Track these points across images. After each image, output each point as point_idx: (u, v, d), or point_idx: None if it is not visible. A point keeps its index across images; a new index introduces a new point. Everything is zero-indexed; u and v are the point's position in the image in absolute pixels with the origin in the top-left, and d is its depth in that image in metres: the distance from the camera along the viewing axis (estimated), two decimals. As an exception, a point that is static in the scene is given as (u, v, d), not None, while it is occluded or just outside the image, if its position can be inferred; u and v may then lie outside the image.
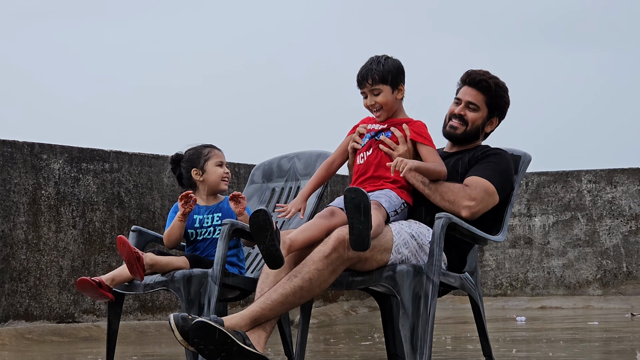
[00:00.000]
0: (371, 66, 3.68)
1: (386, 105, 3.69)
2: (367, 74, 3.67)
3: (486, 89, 3.89)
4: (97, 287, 3.99)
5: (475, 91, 3.89)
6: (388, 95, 3.68)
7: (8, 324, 6.27)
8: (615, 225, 9.28)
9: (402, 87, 3.71)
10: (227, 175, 4.28)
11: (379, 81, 3.66)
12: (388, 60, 3.70)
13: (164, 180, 7.33)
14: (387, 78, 3.66)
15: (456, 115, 3.90)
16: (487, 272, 9.62)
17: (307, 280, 3.32)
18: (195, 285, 3.87)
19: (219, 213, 4.22)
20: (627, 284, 9.20)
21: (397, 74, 3.69)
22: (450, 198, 3.63)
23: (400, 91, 3.71)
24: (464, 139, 3.92)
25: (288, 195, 4.62)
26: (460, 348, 5.37)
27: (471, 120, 3.89)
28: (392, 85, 3.68)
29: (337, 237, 3.36)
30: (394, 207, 3.58)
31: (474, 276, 3.85)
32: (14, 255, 6.35)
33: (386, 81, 3.67)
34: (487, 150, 3.85)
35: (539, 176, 9.58)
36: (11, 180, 6.39)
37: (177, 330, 3.18)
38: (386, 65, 3.67)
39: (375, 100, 3.68)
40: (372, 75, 3.66)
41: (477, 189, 3.66)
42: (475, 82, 3.90)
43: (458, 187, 3.65)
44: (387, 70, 3.67)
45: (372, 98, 3.69)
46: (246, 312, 3.31)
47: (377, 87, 3.67)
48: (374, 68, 3.67)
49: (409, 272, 3.41)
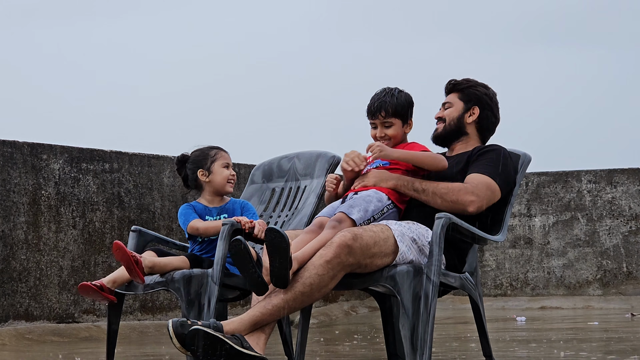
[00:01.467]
0: (385, 98, 3.73)
1: (395, 138, 3.75)
2: (380, 106, 3.73)
3: (456, 86, 4.01)
4: (100, 291, 3.99)
5: (450, 94, 4.03)
6: (399, 129, 3.75)
7: (8, 324, 6.27)
8: (615, 226, 9.28)
9: (411, 122, 3.78)
10: (233, 177, 4.29)
11: (392, 114, 3.72)
12: (401, 93, 3.76)
13: (164, 181, 7.34)
14: (400, 112, 3.73)
15: (436, 119, 4.02)
16: (487, 272, 9.62)
17: (308, 286, 3.32)
18: (195, 286, 3.87)
19: (224, 214, 4.24)
20: (627, 284, 9.20)
21: (408, 108, 3.76)
22: (452, 198, 3.63)
23: (409, 125, 3.78)
24: (448, 134, 3.99)
25: (288, 195, 4.62)
26: (460, 348, 5.37)
27: (447, 115, 3.98)
28: (404, 119, 3.74)
29: (340, 242, 3.35)
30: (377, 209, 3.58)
31: (474, 276, 3.85)
32: (14, 255, 6.35)
33: (399, 115, 3.73)
34: (482, 148, 3.88)
35: (539, 176, 9.58)
36: (11, 180, 6.39)
37: (175, 338, 3.18)
38: (399, 98, 3.74)
39: (386, 133, 3.74)
40: (386, 108, 3.72)
41: (478, 185, 3.68)
42: (447, 88, 4.04)
43: (457, 186, 3.65)
44: (400, 104, 3.73)
45: (382, 130, 3.75)
46: (245, 316, 3.31)
47: (389, 120, 3.72)
48: (388, 100, 3.72)
49: (409, 272, 3.41)
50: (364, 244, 3.38)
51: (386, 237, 3.46)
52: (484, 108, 4.00)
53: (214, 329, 3.20)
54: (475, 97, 3.99)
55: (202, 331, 3.14)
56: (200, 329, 3.14)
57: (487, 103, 4.01)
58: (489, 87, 4.06)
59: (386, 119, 3.72)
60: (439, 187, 3.64)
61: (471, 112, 3.99)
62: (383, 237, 3.45)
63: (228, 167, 4.30)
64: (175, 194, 7.33)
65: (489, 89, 4.05)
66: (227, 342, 3.16)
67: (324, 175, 4.47)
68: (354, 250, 3.35)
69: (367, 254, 3.40)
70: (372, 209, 3.56)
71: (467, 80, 4.04)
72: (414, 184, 3.63)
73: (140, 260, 3.90)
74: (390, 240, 3.47)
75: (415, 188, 3.63)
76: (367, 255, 3.40)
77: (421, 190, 3.63)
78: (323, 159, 4.52)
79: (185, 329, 3.17)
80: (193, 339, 3.14)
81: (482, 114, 3.99)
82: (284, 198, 4.63)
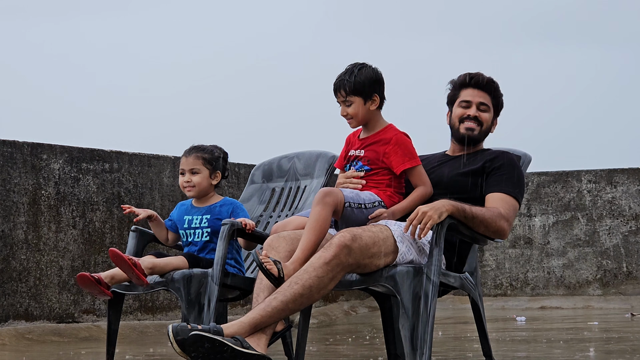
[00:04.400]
0: (344, 77, 3.70)
1: (357, 116, 3.71)
2: (339, 86, 3.71)
3: (492, 90, 3.95)
4: (97, 284, 3.98)
5: (482, 92, 3.93)
6: (359, 107, 3.70)
7: (8, 324, 6.27)
8: (615, 225, 9.28)
9: (376, 98, 3.71)
10: (187, 183, 4.20)
11: (350, 93, 3.69)
12: (362, 70, 3.70)
13: (164, 181, 7.34)
14: (359, 90, 3.68)
15: (471, 117, 3.92)
16: (487, 272, 9.62)
17: (308, 288, 3.32)
18: (195, 286, 3.87)
19: (207, 215, 4.19)
20: (627, 284, 9.20)
21: (370, 85, 3.70)
22: (494, 228, 3.65)
23: (374, 102, 3.72)
24: (479, 139, 3.96)
25: (288, 195, 4.62)
26: (460, 348, 5.37)
27: (485, 120, 3.93)
28: (365, 96, 3.69)
29: (339, 243, 3.35)
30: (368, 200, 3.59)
31: (473, 276, 3.85)
32: (14, 255, 6.35)
33: (358, 93, 3.69)
34: (495, 158, 3.85)
35: (539, 176, 9.58)
36: (11, 180, 6.39)
37: (175, 343, 3.18)
38: (359, 76, 3.68)
39: (347, 112, 3.72)
40: (344, 87, 3.69)
41: (506, 207, 3.71)
42: (483, 83, 3.94)
43: (495, 214, 3.66)
44: (359, 82, 3.68)
45: (344, 109, 3.73)
46: (245, 319, 3.31)
47: (349, 99, 3.70)
48: (347, 79, 3.69)
49: (409, 272, 3.41)
50: (363, 244, 3.38)
51: (385, 237, 3.46)
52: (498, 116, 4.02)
53: (214, 332, 3.21)
54: (499, 108, 3.98)
55: (202, 336, 3.14)
56: (201, 334, 3.14)
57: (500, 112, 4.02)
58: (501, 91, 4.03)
59: (346, 97, 3.69)
60: (485, 216, 3.62)
61: (495, 121, 3.99)
62: (382, 237, 3.45)
63: (183, 174, 4.22)
64: (175, 194, 7.33)
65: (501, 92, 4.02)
66: (228, 344, 3.16)
67: (324, 175, 4.46)
68: (353, 250, 3.35)
69: (366, 254, 3.40)
70: (364, 197, 3.59)
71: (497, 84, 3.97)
72: (464, 211, 3.57)
73: (138, 263, 3.90)
74: (390, 240, 3.46)
75: (466, 215, 3.58)
76: (366, 255, 3.40)
77: (471, 217, 3.59)
78: (323, 159, 4.52)
79: (185, 334, 3.17)
80: (194, 344, 3.14)
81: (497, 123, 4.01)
82: (284, 198, 4.63)
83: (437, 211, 3.45)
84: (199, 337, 3.14)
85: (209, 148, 4.26)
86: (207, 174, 4.20)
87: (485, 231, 3.64)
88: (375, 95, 3.71)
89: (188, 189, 4.20)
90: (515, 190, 3.77)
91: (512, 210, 3.73)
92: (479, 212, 3.60)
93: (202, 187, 4.20)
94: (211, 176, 4.21)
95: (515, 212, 3.75)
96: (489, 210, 3.64)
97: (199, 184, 4.19)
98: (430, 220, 3.43)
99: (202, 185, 4.20)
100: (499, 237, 3.70)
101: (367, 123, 3.75)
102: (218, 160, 4.25)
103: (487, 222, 3.62)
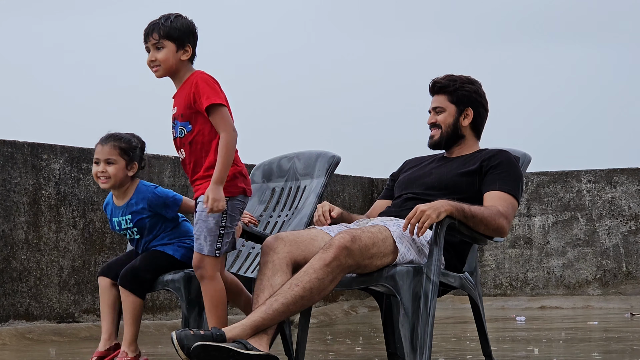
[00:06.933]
0: (159, 21, 3.58)
1: (165, 63, 3.57)
2: (153, 28, 3.57)
3: (443, 89, 3.95)
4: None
5: (437, 96, 3.97)
6: (170, 54, 3.56)
7: (8, 324, 6.27)
8: (615, 225, 9.28)
9: (189, 49, 3.59)
10: (102, 174, 3.95)
11: (164, 36, 3.55)
12: (179, 18, 3.60)
13: (164, 180, 7.34)
14: (173, 36, 3.56)
15: (429, 124, 3.98)
16: (487, 272, 9.63)
17: (308, 290, 3.33)
18: (196, 286, 3.87)
19: (128, 215, 4.02)
20: (626, 284, 9.21)
21: (185, 33, 3.58)
22: (494, 226, 3.65)
23: (187, 52, 3.59)
24: (446, 141, 3.96)
25: (288, 195, 4.62)
26: (460, 348, 5.38)
27: (442, 121, 3.94)
28: (178, 43, 3.57)
29: (339, 244, 3.36)
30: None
31: (473, 276, 3.86)
32: (14, 255, 6.36)
33: (172, 38, 3.56)
34: (492, 157, 3.85)
35: (539, 176, 9.58)
36: (11, 180, 6.39)
37: (180, 350, 3.21)
38: (175, 22, 3.57)
39: (156, 57, 3.57)
40: (158, 30, 3.56)
41: (504, 205, 3.71)
42: (433, 88, 3.98)
43: (494, 212, 3.65)
44: (175, 27, 3.56)
45: (153, 53, 3.57)
46: (247, 321, 3.33)
47: (161, 42, 3.56)
48: (162, 23, 3.57)
49: (408, 272, 3.41)
50: (362, 245, 3.38)
51: (384, 237, 3.47)
52: (477, 107, 3.96)
53: (217, 338, 3.23)
54: (465, 98, 3.93)
55: (205, 346, 3.16)
56: (205, 343, 3.17)
57: (477, 101, 3.96)
58: (474, 81, 3.98)
59: (159, 40, 3.55)
60: (484, 215, 3.62)
61: (465, 114, 3.95)
62: (381, 238, 3.46)
63: (98, 163, 3.97)
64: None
65: (475, 82, 3.98)
66: (233, 349, 3.19)
67: (324, 175, 4.47)
68: (353, 251, 3.36)
69: (366, 255, 3.40)
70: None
71: (451, 78, 3.95)
72: (464, 211, 3.57)
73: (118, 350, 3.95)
74: (389, 240, 3.47)
75: (465, 215, 3.58)
76: (366, 256, 3.41)
77: (470, 216, 3.59)
78: (323, 159, 4.53)
79: (190, 342, 3.19)
80: (199, 355, 3.18)
81: (476, 113, 3.96)
82: (284, 198, 4.63)
83: (436, 211, 3.46)
84: (205, 347, 3.17)
85: (126, 137, 4.02)
86: (123, 164, 3.96)
87: (485, 230, 3.64)
88: (189, 46, 3.59)
89: (103, 181, 3.95)
90: (513, 188, 3.76)
91: (511, 208, 3.73)
92: (478, 211, 3.61)
93: (117, 178, 3.95)
94: (127, 167, 3.98)
95: (514, 209, 3.74)
96: (488, 209, 3.65)
97: (115, 175, 3.95)
98: (429, 220, 3.43)
99: (118, 177, 3.95)
100: (499, 236, 3.70)
101: (176, 75, 3.61)
102: (135, 150, 4.02)
103: (487, 221, 3.62)
